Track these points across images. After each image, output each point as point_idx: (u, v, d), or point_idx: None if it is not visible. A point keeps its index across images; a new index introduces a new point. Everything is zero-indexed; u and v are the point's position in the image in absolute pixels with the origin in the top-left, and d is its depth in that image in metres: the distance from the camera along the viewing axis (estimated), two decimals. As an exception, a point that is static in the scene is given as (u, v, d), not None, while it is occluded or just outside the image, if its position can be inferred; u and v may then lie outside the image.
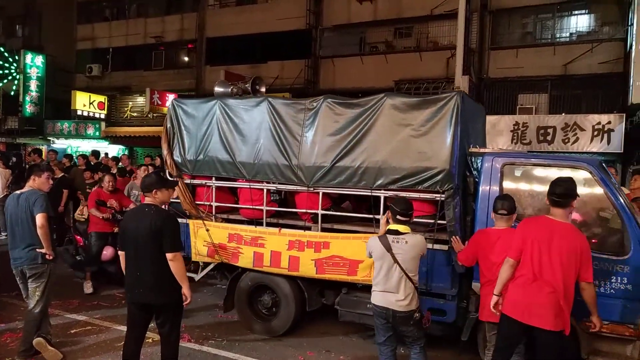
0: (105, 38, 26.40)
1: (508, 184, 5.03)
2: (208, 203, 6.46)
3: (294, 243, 5.81)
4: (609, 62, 15.72)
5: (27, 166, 14.37)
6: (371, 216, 5.50)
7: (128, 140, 23.93)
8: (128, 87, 25.45)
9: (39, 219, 5.24)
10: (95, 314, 6.89)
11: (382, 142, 5.39)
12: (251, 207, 6.17)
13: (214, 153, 6.41)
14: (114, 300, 7.53)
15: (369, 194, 5.47)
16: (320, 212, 5.73)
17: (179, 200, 6.53)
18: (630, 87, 12.94)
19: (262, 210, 6.10)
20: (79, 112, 24.14)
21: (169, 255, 4.33)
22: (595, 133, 14.37)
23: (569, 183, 4.06)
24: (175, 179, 6.34)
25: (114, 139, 24.25)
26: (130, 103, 25.61)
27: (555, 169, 4.89)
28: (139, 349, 4.62)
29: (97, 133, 24.39)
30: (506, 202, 4.60)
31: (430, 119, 5.18)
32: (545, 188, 4.28)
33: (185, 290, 4.46)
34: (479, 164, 5.44)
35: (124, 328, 5.28)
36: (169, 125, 6.82)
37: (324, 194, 5.77)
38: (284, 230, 5.94)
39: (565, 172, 4.64)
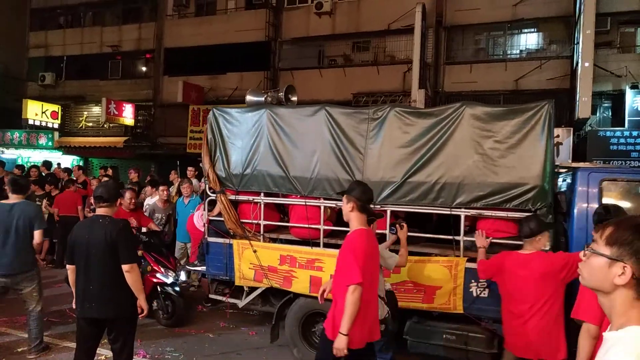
0: (59, 46, 24.06)
1: (608, 202, 4.40)
2: (255, 221, 5.48)
3: (359, 266, 4.95)
4: (556, 79, 15.87)
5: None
6: (449, 237, 4.73)
7: (83, 150, 21.86)
8: (83, 96, 23.27)
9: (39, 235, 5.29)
10: (44, 332, 5.94)
11: (462, 155, 4.65)
12: (307, 225, 5.24)
13: (264, 167, 5.47)
14: (65, 317, 6.73)
15: (448, 212, 4.71)
16: (388, 232, 4.91)
17: (221, 219, 5.51)
18: (577, 103, 13.05)
19: (318, 229, 5.19)
20: (31, 122, 21.76)
21: (125, 267, 3.98)
22: (546, 145, 14.36)
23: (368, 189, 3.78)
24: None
25: (68, 149, 22.05)
26: (86, 113, 23.43)
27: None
28: None
29: (50, 143, 22.10)
30: (533, 223, 3.95)
31: (517, 131, 4.49)
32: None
33: (142, 302, 4.14)
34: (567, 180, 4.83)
35: (74, 345, 4.59)
36: (209, 136, 5.79)
37: (391, 212, 4.96)
38: (345, 251, 5.06)
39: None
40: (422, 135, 4.81)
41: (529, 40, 17.16)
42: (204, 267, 5.88)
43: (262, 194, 5.51)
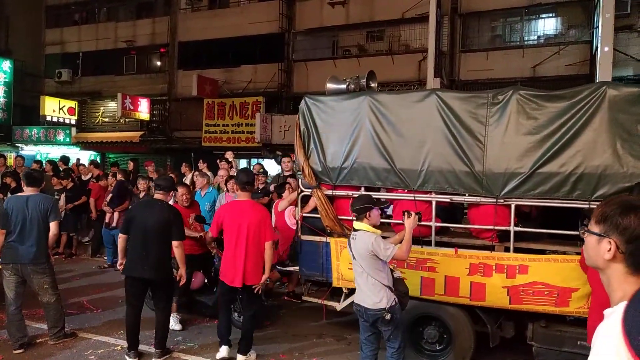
0: (75, 42, 23.05)
1: None
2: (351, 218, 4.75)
3: (478, 267, 4.27)
4: (575, 64, 15.11)
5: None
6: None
7: (100, 146, 20.97)
8: (99, 92, 22.31)
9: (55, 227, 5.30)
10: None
11: (603, 142, 3.93)
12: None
13: (365, 159, 4.77)
14: (82, 308, 6.54)
15: (587, 206, 3.98)
16: (512, 228, 4.21)
17: (316, 215, 4.84)
18: (597, 88, 12.30)
19: (429, 226, 4.49)
20: (48, 118, 20.86)
21: (175, 243, 4.83)
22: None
23: (251, 174, 5.05)
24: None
25: (85, 145, 21.18)
26: (102, 108, 22.48)
27: None
28: (139, 316, 4.91)
29: (68, 139, 21.21)
30: None
31: (673, 112, 3.77)
32: None
33: (182, 272, 4.94)
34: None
35: (92, 337, 5.54)
36: (302, 127, 5.08)
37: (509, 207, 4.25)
38: (461, 251, 4.37)
39: None
40: (552, 121, 4.08)
41: (547, 25, 16.35)
42: (297, 267, 5.20)
43: (362, 189, 4.82)
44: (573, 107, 4.02)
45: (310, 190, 5.01)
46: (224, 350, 4.92)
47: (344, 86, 5.23)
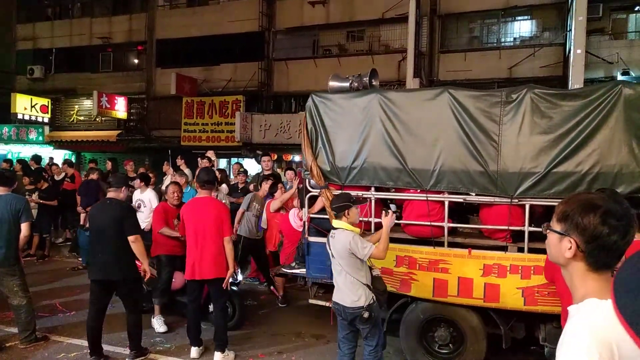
0: (48, 38, 22.09)
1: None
2: (366, 219, 4.58)
3: (492, 268, 4.15)
4: (549, 66, 15.32)
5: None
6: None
7: (75, 145, 20.17)
8: (74, 89, 21.44)
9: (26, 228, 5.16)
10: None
11: (619, 141, 3.84)
12: (429, 223, 4.36)
13: (376, 158, 4.58)
14: (55, 311, 6.37)
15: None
16: (527, 228, 4.11)
17: (324, 216, 4.66)
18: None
19: (442, 227, 4.35)
20: (20, 116, 19.97)
21: (131, 238, 4.68)
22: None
23: (211, 173, 5.07)
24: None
25: (59, 144, 20.35)
26: (77, 106, 21.65)
27: None
28: (102, 320, 4.81)
29: (41, 138, 20.30)
30: None
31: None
32: None
33: (145, 266, 4.84)
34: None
35: (64, 339, 5.40)
36: (310, 125, 4.84)
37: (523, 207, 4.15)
38: (475, 251, 4.25)
39: None
40: (567, 120, 3.97)
41: (522, 27, 16.56)
42: (304, 270, 5.00)
43: (372, 189, 4.65)
44: (588, 106, 3.93)
45: (318, 190, 4.81)
46: (194, 351, 5.00)
47: (347, 84, 5.07)
